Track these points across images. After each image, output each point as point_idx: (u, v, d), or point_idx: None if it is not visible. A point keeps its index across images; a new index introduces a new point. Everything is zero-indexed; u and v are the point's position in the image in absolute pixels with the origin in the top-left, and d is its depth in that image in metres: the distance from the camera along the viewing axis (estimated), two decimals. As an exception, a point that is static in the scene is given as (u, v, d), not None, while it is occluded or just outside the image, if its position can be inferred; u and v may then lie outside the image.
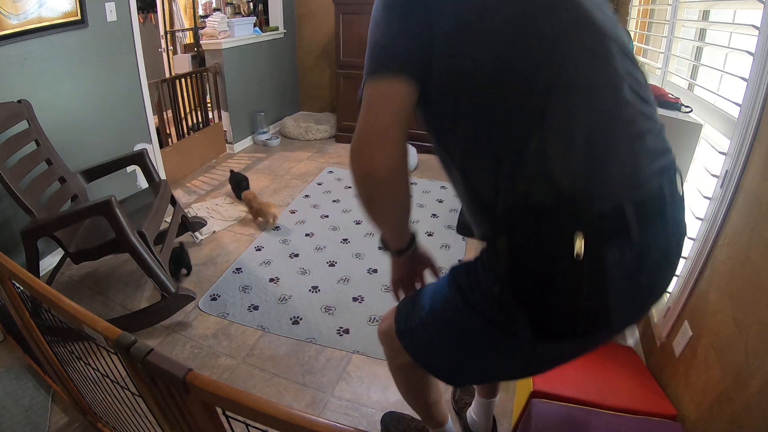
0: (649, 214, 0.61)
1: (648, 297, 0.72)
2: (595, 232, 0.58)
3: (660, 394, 1.34)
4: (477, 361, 0.81)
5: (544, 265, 0.62)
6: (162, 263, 1.79)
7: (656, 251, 0.63)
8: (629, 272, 0.61)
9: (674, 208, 0.65)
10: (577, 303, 0.62)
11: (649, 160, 0.63)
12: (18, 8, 1.91)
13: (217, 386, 0.62)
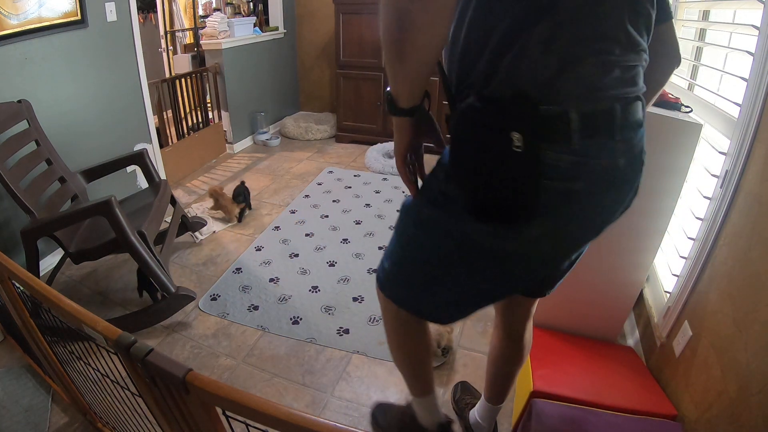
0: (593, 128, 0.66)
1: (593, 214, 0.76)
2: (536, 131, 0.65)
3: (660, 394, 1.34)
4: (450, 281, 0.85)
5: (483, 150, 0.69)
6: (162, 263, 1.79)
7: (597, 164, 0.68)
8: (565, 176, 0.67)
9: (626, 131, 0.70)
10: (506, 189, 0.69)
11: (610, 85, 0.66)
12: (18, 8, 1.91)
13: (217, 386, 0.62)
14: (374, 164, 3.41)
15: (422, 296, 0.92)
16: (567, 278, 1.18)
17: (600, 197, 0.74)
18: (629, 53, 0.67)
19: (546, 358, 1.46)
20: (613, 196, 0.76)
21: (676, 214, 1.50)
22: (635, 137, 0.72)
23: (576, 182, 0.68)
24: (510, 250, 0.76)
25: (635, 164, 0.75)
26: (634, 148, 0.73)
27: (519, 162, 0.66)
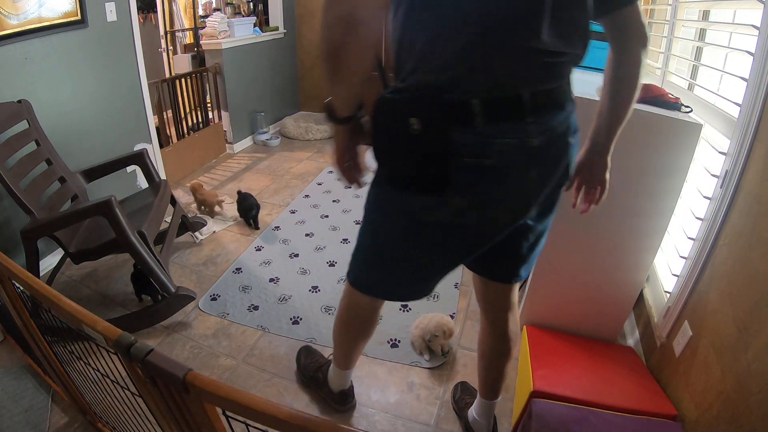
0: (497, 113, 0.76)
1: (516, 189, 0.83)
2: (441, 115, 0.76)
3: (660, 394, 1.34)
4: (408, 259, 0.96)
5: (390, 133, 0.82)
6: (162, 263, 1.79)
7: (503, 143, 0.77)
8: (473, 153, 0.77)
9: (540, 114, 0.78)
10: (414, 164, 0.80)
11: (517, 79, 0.76)
12: (18, 8, 1.91)
13: (217, 386, 0.62)
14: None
15: (381, 275, 1.04)
16: (567, 278, 1.20)
17: (518, 173, 0.81)
18: (544, 55, 0.75)
19: (546, 358, 1.46)
20: (535, 172, 0.83)
21: (676, 214, 1.50)
22: (553, 120, 0.81)
23: (485, 159, 0.77)
24: (445, 221, 0.86)
25: (558, 144, 0.84)
26: (553, 129, 0.81)
27: (420, 142, 0.77)
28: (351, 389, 1.49)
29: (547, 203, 0.95)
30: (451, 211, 0.84)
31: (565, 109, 0.83)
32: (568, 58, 0.79)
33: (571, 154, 0.88)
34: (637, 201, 1.46)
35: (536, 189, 0.86)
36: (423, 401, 1.55)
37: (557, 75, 0.80)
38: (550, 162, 0.84)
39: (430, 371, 1.67)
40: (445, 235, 0.89)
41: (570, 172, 0.90)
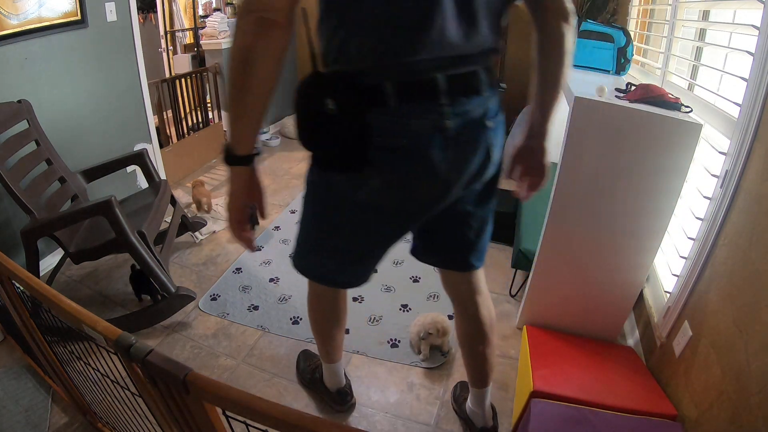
0: (410, 94, 0.80)
1: (432, 169, 0.85)
2: (356, 97, 0.80)
3: (660, 394, 1.34)
4: (343, 241, 1.00)
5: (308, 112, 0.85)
6: (162, 263, 1.79)
7: (417, 124, 0.81)
8: (388, 133, 0.81)
9: (454, 96, 0.82)
10: (332, 142, 0.84)
11: (430, 64, 0.80)
12: (18, 8, 1.91)
13: (217, 386, 0.62)
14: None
15: (326, 263, 1.08)
16: (567, 278, 1.20)
17: (433, 154, 0.84)
18: (455, 44, 0.80)
19: (546, 358, 1.46)
20: (452, 154, 0.86)
21: (676, 214, 1.50)
22: (469, 103, 0.84)
23: (399, 139, 0.82)
24: (367, 200, 0.89)
25: (474, 127, 0.87)
26: (468, 112, 0.85)
27: (336, 122, 0.81)
28: (349, 388, 1.51)
29: (484, 189, 0.99)
30: (372, 189, 0.87)
31: (481, 93, 0.86)
32: (483, 48, 0.84)
33: (490, 137, 0.90)
34: (637, 201, 1.46)
35: (455, 171, 0.88)
36: (423, 401, 1.55)
37: (472, 61, 0.84)
38: (466, 144, 0.87)
39: (430, 371, 1.67)
40: (370, 215, 0.93)
41: (492, 156, 0.92)
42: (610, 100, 1.41)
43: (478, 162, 0.90)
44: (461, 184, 0.91)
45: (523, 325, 1.76)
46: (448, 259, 1.16)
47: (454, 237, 1.07)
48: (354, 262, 1.07)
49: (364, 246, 1.02)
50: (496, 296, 2.07)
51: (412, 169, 0.85)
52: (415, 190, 0.89)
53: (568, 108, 1.45)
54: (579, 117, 1.41)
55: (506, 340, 1.82)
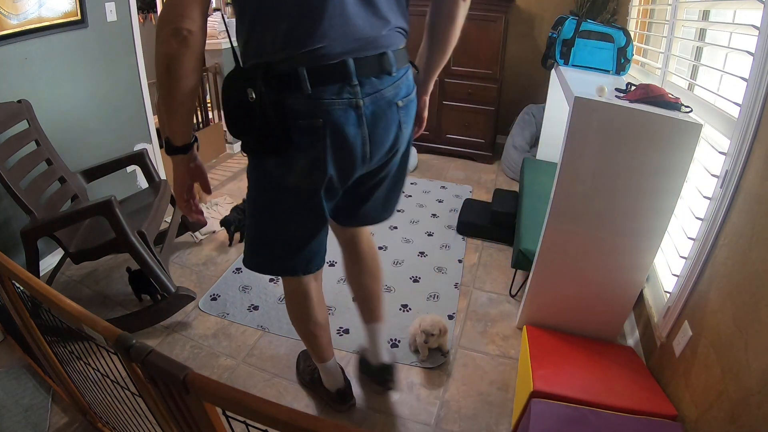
0: (323, 78, 0.89)
1: (350, 145, 0.96)
2: (275, 85, 0.88)
3: (660, 394, 1.34)
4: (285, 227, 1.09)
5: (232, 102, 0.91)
6: (162, 263, 1.79)
7: (331, 104, 0.90)
8: (306, 115, 0.90)
9: (365, 76, 0.92)
10: (261, 128, 0.90)
11: (339, 51, 0.89)
12: (18, 8, 1.91)
13: (217, 386, 0.62)
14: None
15: (273, 248, 1.14)
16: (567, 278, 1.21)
17: (349, 131, 0.93)
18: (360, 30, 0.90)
19: (546, 358, 1.46)
20: (366, 131, 0.96)
21: (676, 214, 1.50)
22: (381, 83, 0.95)
23: (316, 119, 0.91)
24: (297, 182, 0.99)
25: (386, 106, 0.97)
26: (381, 92, 0.95)
27: (257, 108, 0.88)
28: (348, 388, 1.50)
29: (400, 160, 1.13)
30: (296, 171, 0.96)
31: (392, 73, 0.96)
32: (390, 31, 0.94)
33: (402, 114, 1.01)
34: (637, 201, 1.46)
35: (370, 145, 0.98)
36: (423, 401, 1.55)
37: (380, 44, 0.93)
38: (380, 121, 0.97)
39: (430, 371, 1.67)
40: (303, 196, 1.02)
41: (404, 131, 1.04)
42: (610, 100, 1.41)
43: (392, 137, 1.01)
44: (377, 157, 1.02)
45: (523, 325, 1.76)
46: (370, 218, 1.26)
47: (375, 202, 1.20)
48: (301, 246, 1.13)
49: (306, 226, 1.10)
50: (496, 296, 2.08)
51: (331, 147, 0.94)
52: (335, 166, 0.97)
53: (568, 108, 1.45)
54: (579, 117, 1.41)
55: (506, 340, 1.82)
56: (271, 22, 0.87)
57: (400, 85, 0.98)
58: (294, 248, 1.13)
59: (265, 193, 1.06)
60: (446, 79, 3.47)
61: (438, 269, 2.25)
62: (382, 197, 1.20)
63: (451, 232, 2.58)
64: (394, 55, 0.95)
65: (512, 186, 3.13)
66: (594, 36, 2.06)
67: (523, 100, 3.68)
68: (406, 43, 1.01)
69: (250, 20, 0.89)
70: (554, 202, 1.54)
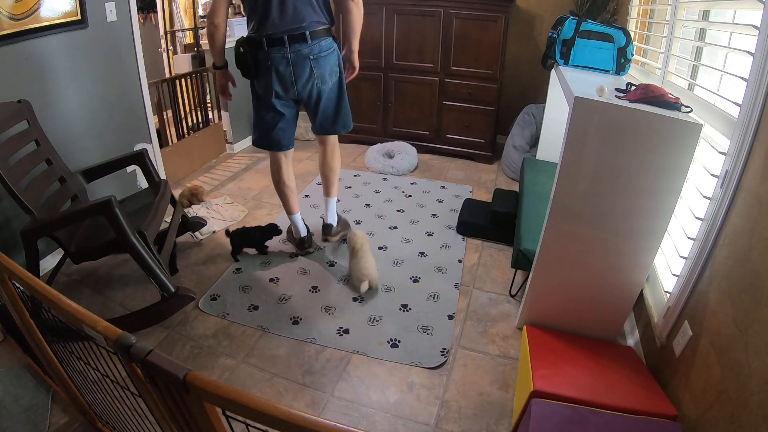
0: (272, 43, 1.84)
1: (285, 74, 1.91)
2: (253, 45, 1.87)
3: (660, 394, 1.34)
4: (266, 120, 2.05)
5: (237, 53, 1.90)
6: (162, 263, 1.79)
7: (275, 55, 1.86)
8: (264, 60, 1.88)
9: (293, 45, 1.85)
10: (245, 64, 1.90)
11: (281, 29, 1.82)
12: (18, 8, 1.91)
13: (217, 386, 0.62)
14: (374, 164, 3.41)
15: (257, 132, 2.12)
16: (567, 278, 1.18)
17: (282, 68, 1.89)
18: (298, 19, 1.82)
19: (546, 358, 1.46)
20: (290, 69, 1.90)
21: (676, 214, 1.50)
22: (300, 47, 1.86)
23: (267, 62, 1.87)
24: (262, 93, 1.98)
25: (303, 58, 1.88)
26: (299, 50, 1.86)
27: (245, 55, 1.88)
28: (308, 238, 2.31)
29: (332, 90, 2.06)
30: (262, 86, 1.96)
31: (308, 42, 1.86)
32: (307, 22, 1.84)
33: (313, 62, 1.91)
34: (637, 201, 1.46)
35: (293, 77, 1.92)
36: (423, 401, 1.55)
37: (300, 28, 1.84)
38: (298, 64, 1.90)
39: (430, 371, 1.67)
40: (266, 101, 1.99)
41: (315, 72, 1.94)
42: (610, 100, 1.41)
43: (307, 73, 1.93)
44: (301, 83, 1.94)
45: (523, 325, 1.76)
46: (325, 129, 2.18)
47: (325, 117, 2.12)
48: (270, 130, 2.07)
49: (271, 116, 2.04)
50: (496, 296, 2.08)
51: (275, 75, 1.91)
52: (278, 84, 1.93)
53: (568, 108, 1.45)
54: (579, 117, 1.41)
55: (506, 340, 1.82)
56: (250, 17, 1.87)
57: (313, 48, 1.89)
58: (268, 132, 2.07)
59: (254, 98, 2.05)
60: (446, 79, 3.48)
61: (438, 269, 2.25)
62: (331, 115, 2.12)
63: (451, 232, 2.59)
64: (309, 33, 1.86)
65: (512, 186, 3.13)
66: (594, 36, 2.06)
67: (523, 100, 3.68)
68: (325, 27, 1.91)
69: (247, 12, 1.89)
70: (554, 202, 1.54)
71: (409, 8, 3.36)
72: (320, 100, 2.02)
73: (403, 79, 3.60)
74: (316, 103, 2.03)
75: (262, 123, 2.05)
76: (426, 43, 3.42)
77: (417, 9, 3.35)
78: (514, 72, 3.70)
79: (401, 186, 3.16)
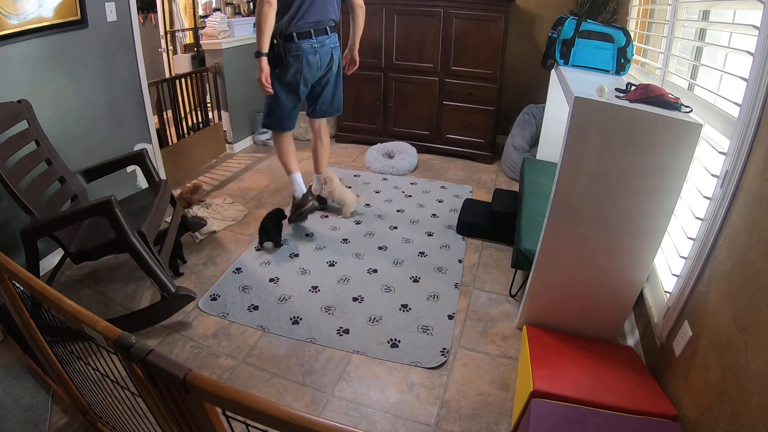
0: (301, 36, 2.20)
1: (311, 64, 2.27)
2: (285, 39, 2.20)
3: (660, 394, 1.34)
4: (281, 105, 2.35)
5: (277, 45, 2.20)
6: (162, 263, 1.79)
7: (306, 47, 2.22)
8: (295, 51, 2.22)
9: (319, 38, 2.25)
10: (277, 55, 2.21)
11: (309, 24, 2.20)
12: (18, 8, 1.91)
13: (217, 386, 0.62)
14: (374, 164, 3.41)
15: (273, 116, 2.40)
16: (567, 278, 1.19)
17: (310, 57, 2.25)
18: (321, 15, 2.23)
19: (546, 358, 1.46)
20: (317, 57, 2.27)
21: (676, 214, 1.50)
22: (324, 39, 2.27)
23: (299, 52, 2.22)
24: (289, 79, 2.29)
25: (326, 47, 2.29)
26: (323, 41, 2.27)
27: (278, 47, 2.18)
28: (305, 198, 2.55)
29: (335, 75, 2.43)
30: (291, 73, 2.25)
31: (328, 34, 2.27)
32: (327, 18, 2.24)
33: (333, 51, 2.32)
34: (637, 201, 1.46)
35: (319, 63, 2.29)
36: (423, 401, 1.55)
37: (323, 23, 2.23)
38: (323, 53, 2.28)
39: (430, 371, 1.67)
40: (289, 87, 2.31)
41: (335, 57, 2.36)
42: (610, 100, 1.41)
43: (328, 59, 2.32)
44: (324, 68, 2.33)
45: (523, 325, 1.76)
46: (320, 111, 2.52)
47: (320, 98, 2.46)
48: (286, 114, 2.40)
49: (290, 100, 2.37)
50: (496, 296, 2.08)
51: (304, 64, 2.24)
52: (306, 70, 2.27)
53: (568, 108, 1.45)
54: (579, 117, 1.41)
55: (506, 340, 1.82)
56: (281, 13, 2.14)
57: (333, 39, 2.32)
58: (284, 114, 2.39)
59: (277, 86, 2.28)
60: (446, 79, 3.48)
61: (438, 269, 2.25)
62: (329, 98, 2.48)
63: (451, 232, 2.58)
64: (329, 28, 2.27)
65: (512, 186, 3.13)
66: (594, 36, 2.06)
67: (523, 100, 3.68)
68: (336, 23, 2.31)
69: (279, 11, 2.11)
70: (554, 202, 1.54)
71: (409, 8, 3.36)
72: (327, 84, 2.43)
73: (403, 79, 3.60)
74: (323, 88, 2.42)
75: (281, 107, 2.35)
76: (426, 43, 3.42)
77: (417, 9, 3.35)
78: (514, 72, 3.70)
79: (401, 186, 3.16)
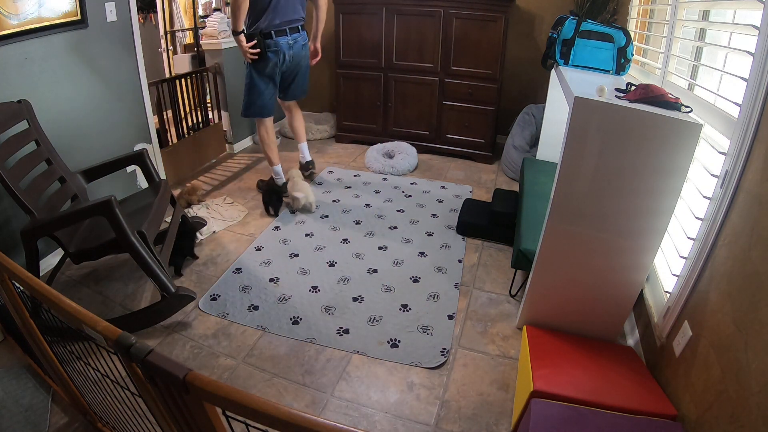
0: (278, 33, 2.56)
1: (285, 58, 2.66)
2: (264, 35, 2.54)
3: (660, 394, 1.34)
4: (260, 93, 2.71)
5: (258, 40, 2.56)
6: (162, 263, 1.79)
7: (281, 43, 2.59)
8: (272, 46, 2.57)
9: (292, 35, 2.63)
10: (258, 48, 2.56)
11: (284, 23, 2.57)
12: (18, 8, 1.91)
13: (217, 386, 0.62)
14: (374, 164, 3.41)
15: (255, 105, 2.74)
16: (567, 278, 1.19)
17: (285, 54, 2.63)
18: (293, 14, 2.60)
19: (546, 358, 1.46)
20: (291, 52, 2.66)
21: (676, 214, 1.50)
22: (296, 36, 2.66)
23: (275, 47, 2.58)
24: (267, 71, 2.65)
25: (298, 44, 2.69)
26: (296, 38, 2.66)
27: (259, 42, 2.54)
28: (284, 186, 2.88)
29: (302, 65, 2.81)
30: (268, 65, 2.62)
31: (300, 32, 2.68)
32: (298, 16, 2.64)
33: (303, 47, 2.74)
34: (637, 201, 1.46)
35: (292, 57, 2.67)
36: (423, 401, 1.55)
37: (296, 21, 2.62)
38: (296, 48, 2.68)
39: (430, 371, 1.67)
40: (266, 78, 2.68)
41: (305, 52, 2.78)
42: (610, 100, 1.41)
43: (299, 55, 2.71)
44: (295, 62, 2.71)
45: (523, 325, 1.76)
46: (291, 95, 2.93)
47: (291, 85, 2.86)
48: (267, 101, 2.73)
49: (268, 90, 2.71)
50: (496, 296, 2.08)
51: (278, 57, 2.61)
52: (283, 63, 2.65)
53: (568, 108, 1.45)
54: (579, 117, 1.41)
55: (506, 340, 1.82)
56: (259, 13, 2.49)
57: (304, 37, 2.70)
58: (265, 102, 2.72)
59: (256, 77, 2.64)
60: (446, 79, 3.48)
61: (438, 269, 2.25)
62: (300, 85, 2.89)
63: (451, 232, 2.59)
64: (300, 26, 2.65)
65: (512, 186, 3.13)
66: (594, 36, 2.06)
67: (523, 100, 3.68)
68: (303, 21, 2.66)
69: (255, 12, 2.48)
70: (554, 202, 1.54)
71: (409, 8, 3.36)
72: (298, 74, 2.83)
73: (403, 79, 3.60)
74: (294, 77, 2.83)
75: (260, 97, 2.69)
76: (426, 43, 3.42)
77: (417, 9, 3.35)
78: (514, 72, 3.70)
79: (401, 186, 3.16)
